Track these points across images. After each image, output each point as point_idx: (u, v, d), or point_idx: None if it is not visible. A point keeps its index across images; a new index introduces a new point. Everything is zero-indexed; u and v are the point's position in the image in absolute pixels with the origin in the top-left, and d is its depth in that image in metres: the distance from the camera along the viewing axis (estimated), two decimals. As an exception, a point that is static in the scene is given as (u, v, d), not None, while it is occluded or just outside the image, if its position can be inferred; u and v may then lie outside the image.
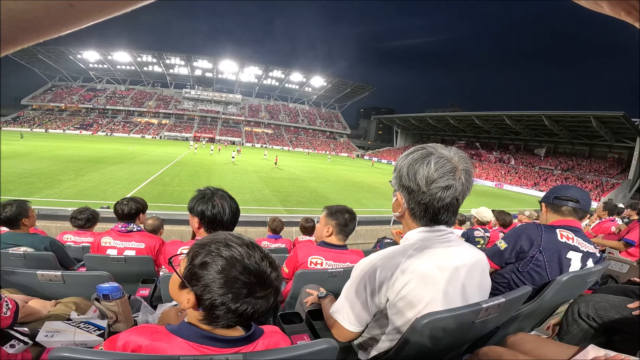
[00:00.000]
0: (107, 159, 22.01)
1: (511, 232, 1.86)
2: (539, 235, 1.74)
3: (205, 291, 0.75)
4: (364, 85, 70.85)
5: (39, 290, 1.74)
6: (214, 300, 0.75)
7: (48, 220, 6.46)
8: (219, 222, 1.59)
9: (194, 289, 0.77)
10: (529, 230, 1.79)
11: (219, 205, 1.59)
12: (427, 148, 1.04)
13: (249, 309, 0.77)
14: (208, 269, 0.76)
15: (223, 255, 0.77)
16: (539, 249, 1.71)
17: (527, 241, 1.75)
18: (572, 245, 1.75)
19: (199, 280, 0.76)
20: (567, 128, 38.49)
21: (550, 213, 1.91)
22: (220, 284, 0.75)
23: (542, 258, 1.70)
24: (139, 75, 70.44)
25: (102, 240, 2.51)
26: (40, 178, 13.76)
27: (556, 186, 1.95)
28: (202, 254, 0.78)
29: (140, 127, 60.60)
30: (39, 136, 40.70)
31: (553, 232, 1.76)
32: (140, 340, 0.77)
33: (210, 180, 17.76)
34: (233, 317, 0.77)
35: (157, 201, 11.06)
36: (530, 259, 1.72)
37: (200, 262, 0.77)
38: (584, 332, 1.54)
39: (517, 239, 1.78)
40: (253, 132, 68.64)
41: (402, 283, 0.99)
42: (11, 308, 1.22)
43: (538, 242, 1.72)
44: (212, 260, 0.76)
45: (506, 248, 1.79)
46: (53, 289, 1.75)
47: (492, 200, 21.99)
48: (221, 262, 0.76)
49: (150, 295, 2.00)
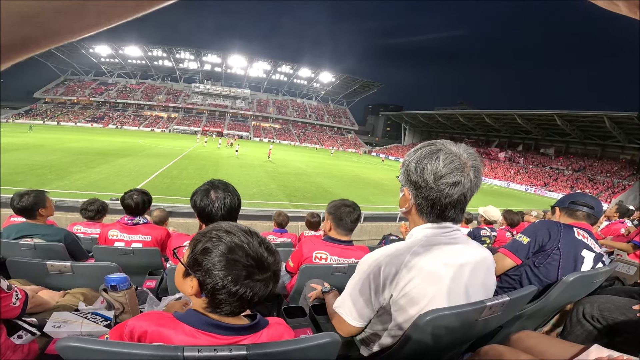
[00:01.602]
0: (117, 151, 22.29)
1: (531, 227, 1.89)
2: (559, 231, 1.78)
3: (207, 276, 0.77)
4: (372, 82, 70.36)
5: (48, 281, 1.75)
6: (215, 284, 0.77)
7: (59, 212, 6.56)
8: (208, 214, 1.55)
9: (196, 275, 0.79)
10: (549, 225, 1.83)
11: (212, 198, 1.55)
12: (435, 144, 1.03)
13: (249, 291, 0.78)
14: (209, 255, 0.78)
15: (223, 240, 0.79)
16: (557, 245, 1.74)
17: (547, 236, 1.78)
18: (587, 244, 1.79)
19: (201, 265, 0.78)
20: (580, 128, 37.79)
21: (564, 217, 1.98)
22: (221, 266, 0.77)
23: (559, 254, 1.73)
24: (150, 69, 71.06)
25: (109, 233, 2.53)
26: (52, 170, 14.01)
27: (571, 193, 2.04)
28: (203, 241, 0.80)
29: (149, 121, 61.22)
30: (51, 129, 41.38)
31: (571, 229, 1.80)
32: (146, 326, 0.79)
33: (217, 174, 17.87)
34: (234, 302, 0.79)
35: (164, 194, 11.18)
36: (548, 255, 1.75)
37: (202, 248, 0.79)
38: (587, 333, 1.54)
39: (538, 233, 1.81)
40: (261, 127, 68.77)
41: (406, 280, 0.99)
42: (20, 298, 1.23)
43: (557, 238, 1.76)
44: (212, 245, 0.79)
45: (529, 242, 1.81)
46: (62, 280, 1.76)
47: (499, 200, 21.74)
48: (222, 247, 0.78)
49: (157, 287, 2.02)
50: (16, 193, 2.39)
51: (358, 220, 2.03)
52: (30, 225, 2.40)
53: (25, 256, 1.97)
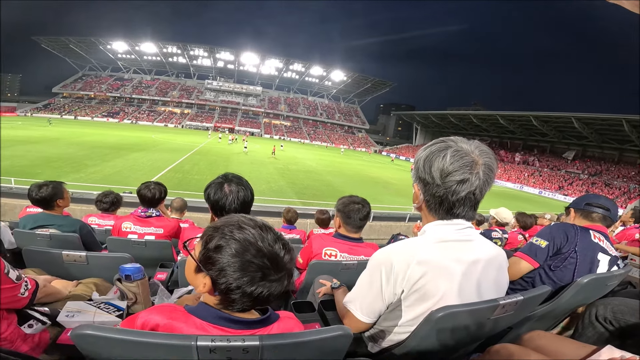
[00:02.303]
0: (131, 146, 22.72)
1: (547, 230, 1.84)
2: (576, 234, 1.74)
3: (220, 275, 0.76)
4: (384, 81, 69.83)
5: (62, 271, 1.77)
6: (230, 284, 0.75)
7: (74, 203, 6.71)
8: (221, 207, 1.54)
9: (209, 272, 0.77)
10: (566, 228, 1.79)
11: (226, 191, 1.54)
12: (446, 141, 1.02)
13: (265, 292, 0.77)
14: (222, 253, 0.76)
15: (236, 237, 0.77)
16: (574, 248, 1.71)
17: (564, 239, 1.74)
18: (602, 247, 1.75)
19: (214, 264, 0.76)
20: (597, 131, 36.69)
21: (580, 218, 1.93)
22: (235, 268, 0.75)
23: (576, 257, 1.70)
24: (164, 65, 72.12)
25: (123, 225, 2.58)
26: (68, 162, 14.38)
27: (587, 194, 1.98)
28: (216, 238, 0.78)
29: (163, 116, 62.14)
30: (69, 123, 42.41)
31: (587, 232, 1.76)
32: (158, 319, 0.79)
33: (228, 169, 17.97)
34: (249, 301, 0.78)
35: (177, 188, 11.33)
36: (564, 258, 1.71)
37: (215, 245, 0.77)
38: (598, 335, 1.51)
39: (555, 236, 1.77)
40: (272, 124, 69.01)
41: (418, 275, 0.98)
42: (30, 289, 1.21)
43: (574, 241, 1.72)
44: (225, 243, 0.76)
45: (547, 245, 1.77)
46: (76, 270, 1.78)
47: (511, 202, 21.34)
48: (235, 245, 0.76)
49: (167, 280, 2.05)
50: (34, 184, 2.43)
51: (367, 217, 2.00)
52: (47, 216, 2.45)
53: (40, 246, 1.99)
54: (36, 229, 2.35)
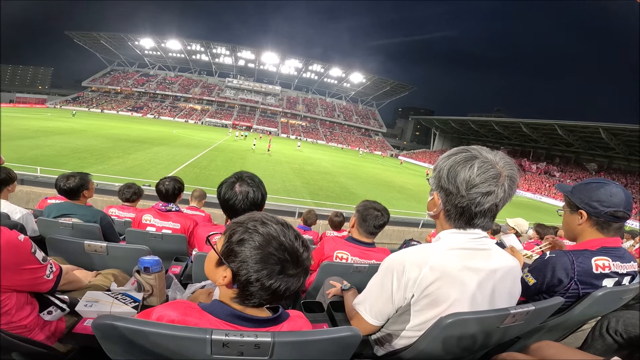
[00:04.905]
0: (153, 140, 23.35)
1: (539, 266, 1.56)
2: (572, 268, 1.46)
3: (241, 267, 0.78)
4: (404, 85, 69.19)
5: (82, 260, 1.80)
6: (250, 276, 0.77)
7: (96, 194, 6.96)
8: (231, 207, 1.54)
9: (231, 265, 0.79)
10: (560, 263, 1.49)
11: (236, 191, 1.54)
12: (471, 151, 1.00)
13: (282, 286, 0.79)
14: (245, 245, 0.78)
15: (260, 231, 0.79)
16: (573, 279, 1.46)
17: (561, 274, 1.47)
18: (607, 273, 1.49)
19: (236, 256, 0.79)
20: (625, 143, 35.11)
21: (592, 229, 1.52)
22: (257, 259, 0.77)
23: (578, 286, 1.46)
24: (188, 63, 74.10)
25: (144, 217, 2.66)
26: (92, 154, 14.92)
27: (600, 191, 1.45)
28: (240, 232, 0.80)
29: (184, 112, 63.72)
30: (95, 116, 44.07)
31: (587, 262, 1.47)
32: (173, 315, 0.81)
33: (244, 167, 18.21)
34: (266, 295, 0.80)
35: (194, 183, 11.56)
36: (565, 291, 1.48)
37: (238, 239, 0.79)
38: (607, 347, 1.45)
39: (547, 273, 1.50)
40: (289, 124, 69.56)
41: (429, 281, 0.98)
42: (54, 272, 1.21)
43: (571, 275, 1.46)
44: (249, 236, 0.79)
45: (534, 284, 1.53)
46: (96, 259, 1.82)
47: (527, 212, 20.62)
48: (258, 238, 0.78)
49: (181, 274, 2.09)
50: (61, 175, 2.53)
51: (382, 226, 1.98)
52: (71, 205, 2.53)
53: (63, 234, 2.02)
54: (59, 218, 2.42)
